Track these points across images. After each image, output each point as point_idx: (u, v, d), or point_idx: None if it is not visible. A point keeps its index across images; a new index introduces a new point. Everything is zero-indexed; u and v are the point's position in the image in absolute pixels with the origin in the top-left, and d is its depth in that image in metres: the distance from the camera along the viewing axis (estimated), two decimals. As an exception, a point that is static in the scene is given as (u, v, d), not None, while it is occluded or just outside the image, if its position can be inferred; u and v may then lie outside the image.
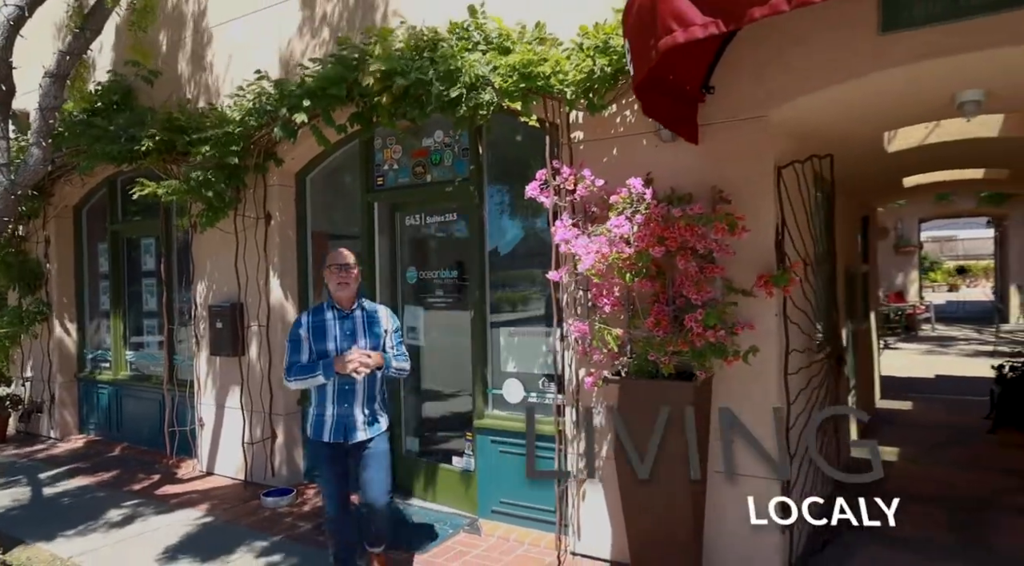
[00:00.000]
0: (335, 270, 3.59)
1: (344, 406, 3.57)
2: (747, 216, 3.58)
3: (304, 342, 3.57)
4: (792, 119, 3.69)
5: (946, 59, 3.18)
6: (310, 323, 3.61)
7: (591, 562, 4.13)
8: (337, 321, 3.61)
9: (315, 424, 3.61)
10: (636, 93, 3.02)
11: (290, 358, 3.59)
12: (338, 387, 3.56)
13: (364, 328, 3.64)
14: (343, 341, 3.57)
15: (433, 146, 5.10)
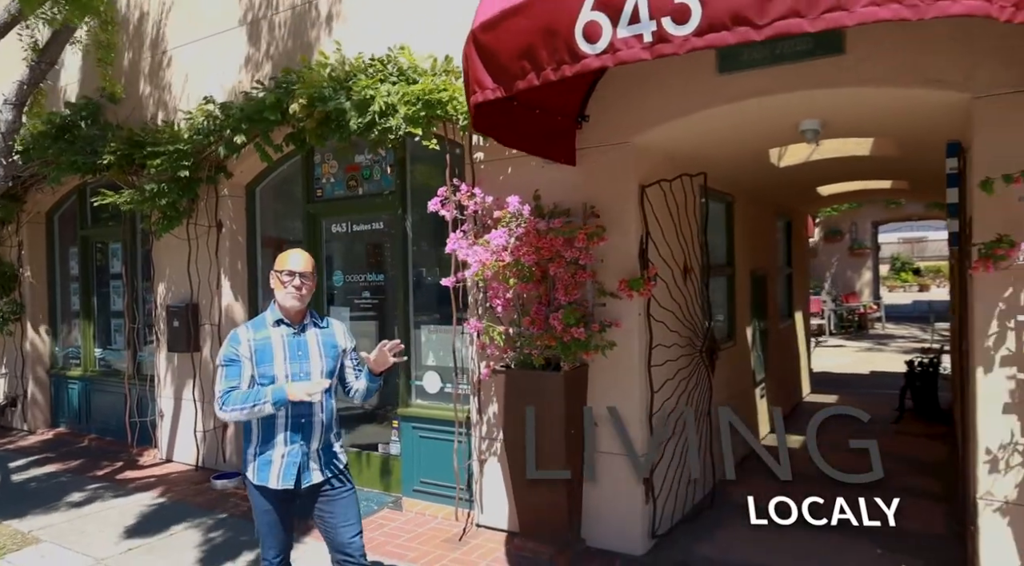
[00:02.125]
0: (285, 277, 2.91)
1: (298, 444, 2.91)
2: (615, 228, 4.17)
3: (245, 363, 2.86)
4: (654, 144, 4.26)
5: (772, 96, 3.76)
6: (252, 341, 2.89)
7: (491, 532, 4.68)
8: (286, 339, 2.93)
9: (259, 466, 2.90)
10: (475, 129, 3.54)
11: (226, 382, 2.84)
12: (291, 419, 2.88)
13: (319, 348, 2.99)
14: (293, 363, 2.91)
15: (364, 162, 5.65)
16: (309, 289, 2.98)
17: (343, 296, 5.90)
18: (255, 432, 2.95)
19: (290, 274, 2.92)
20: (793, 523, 4.75)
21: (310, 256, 3.04)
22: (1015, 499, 3.19)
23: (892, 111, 3.98)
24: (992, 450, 3.24)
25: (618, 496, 4.24)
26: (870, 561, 4.15)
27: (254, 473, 2.94)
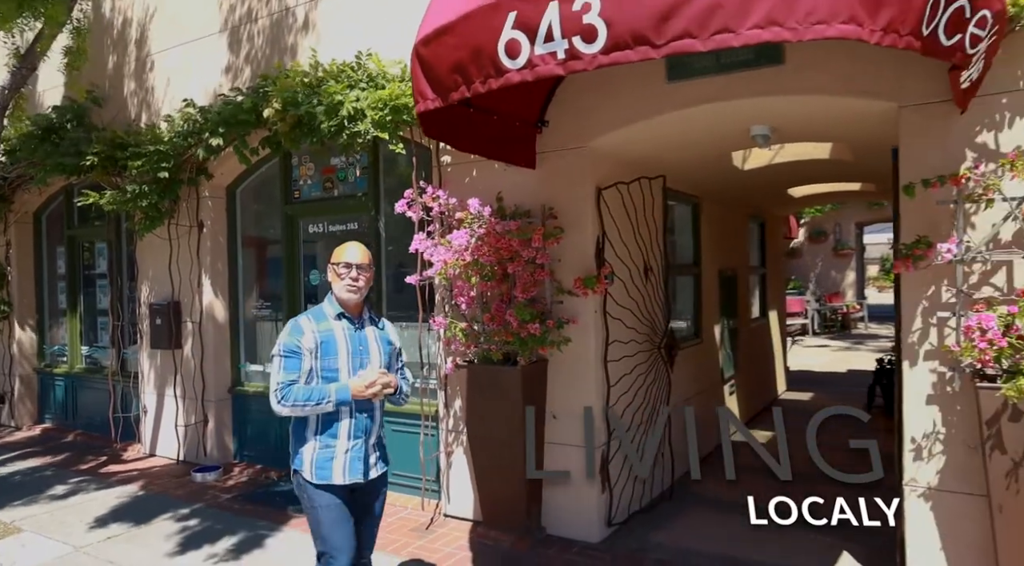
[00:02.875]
0: (342, 269, 2.86)
1: (361, 438, 2.87)
2: (573, 229, 4.36)
3: (306, 356, 2.77)
4: (609, 149, 4.44)
5: (719, 103, 3.94)
6: (317, 333, 2.81)
7: (458, 522, 4.86)
8: (347, 333, 2.88)
9: (318, 463, 2.80)
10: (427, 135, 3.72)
11: (285, 374, 2.74)
12: (355, 416, 2.83)
13: (378, 344, 2.97)
14: (355, 358, 2.86)
15: (339, 165, 5.82)
16: (366, 281, 2.92)
17: (320, 295, 6.06)
18: (312, 427, 2.82)
19: (347, 266, 2.86)
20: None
21: (366, 248, 2.98)
22: (936, 485, 3.38)
23: (835, 118, 4.16)
24: (917, 439, 3.43)
25: (575, 486, 4.42)
26: (817, 549, 4.32)
27: (311, 471, 2.78)
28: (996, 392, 2.93)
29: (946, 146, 3.30)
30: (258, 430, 6.40)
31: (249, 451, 6.47)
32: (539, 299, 4.36)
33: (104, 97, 7.08)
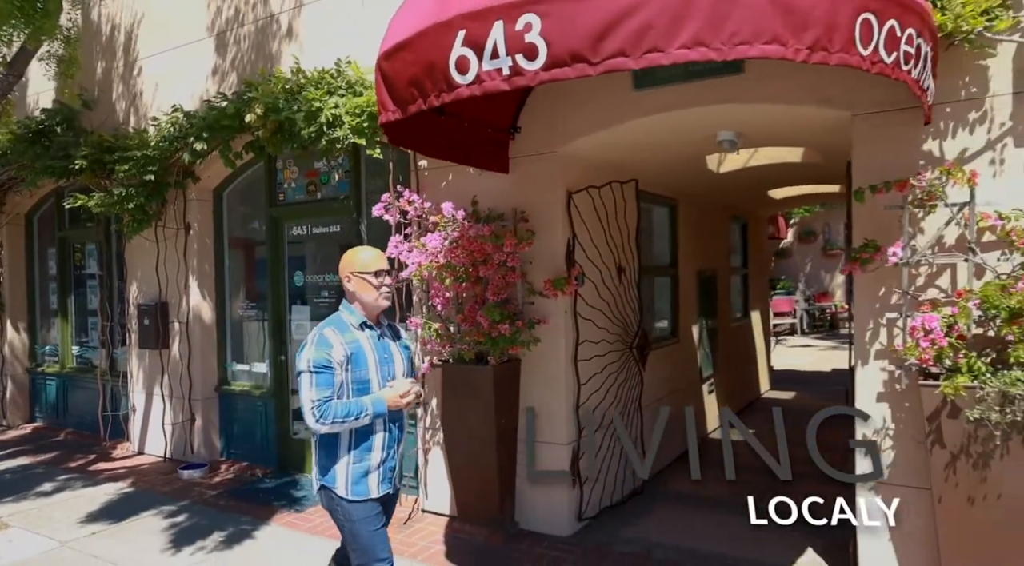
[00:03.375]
0: (375, 278, 2.79)
1: (393, 448, 2.85)
2: (544, 232, 4.49)
3: (337, 370, 2.67)
4: (580, 154, 4.57)
5: (683, 111, 4.07)
6: (345, 345, 2.71)
7: (435, 517, 4.98)
8: (372, 342, 2.81)
9: (354, 479, 2.73)
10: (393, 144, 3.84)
11: (319, 391, 2.63)
12: (388, 427, 2.81)
13: (399, 350, 2.94)
14: (383, 367, 2.82)
15: (322, 168, 5.94)
16: (391, 286, 2.91)
17: (304, 296, 6.19)
18: (345, 442, 2.73)
19: (379, 274, 2.80)
20: (717, 508, 5.11)
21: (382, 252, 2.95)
22: (886, 479, 3.51)
23: (797, 125, 4.29)
24: (868, 435, 3.56)
25: (542, 482, 4.55)
26: (771, 538, 4.44)
27: (347, 487, 2.72)
28: (935, 389, 3.06)
29: (895, 153, 3.43)
30: (244, 428, 6.52)
31: (235, 449, 6.60)
32: (511, 300, 4.48)
33: (94, 101, 7.19)
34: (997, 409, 2.93)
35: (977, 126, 3.28)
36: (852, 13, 2.17)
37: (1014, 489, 3.00)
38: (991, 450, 3.02)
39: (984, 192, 3.21)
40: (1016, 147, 3.21)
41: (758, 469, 6.14)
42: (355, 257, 2.85)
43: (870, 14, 2.21)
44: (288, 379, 6.25)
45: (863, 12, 2.19)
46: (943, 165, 3.15)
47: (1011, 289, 2.94)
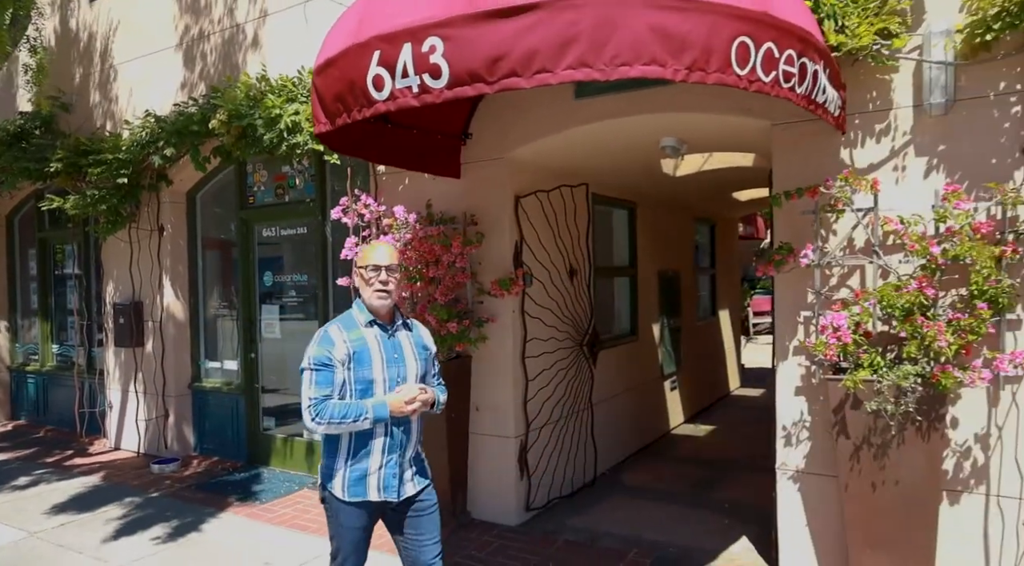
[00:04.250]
0: (371, 273, 2.69)
1: (396, 453, 2.70)
2: (493, 234, 4.69)
3: (338, 369, 2.60)
4: (527, 159, 4.77)
5: (620, 119, 4.27)
6: (348, 342, 2.63)
7: (393, 508, 5.18)
8: (380, 340, 2.70)
9: (351, 481, 2.65)
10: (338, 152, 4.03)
11: (318, 390, 2.57)
12: (390, 431, 2.67)
13: (413, 350, 2.79)
14: (391, 367, 2.69)
15: (289, 172, 6.14)
16: (396, 283, 2.74)
17: (272, 295, 6.39)
18: (345, 443, 2.65)
19: (375, 269, 2.67)
20: (665, 500, 5.32)
21: (393, 248, 2.82)
22: (803, 468, 3.72)
23: (729, 132, 4.49)
24: (787, 427, 3.77)
25: (496, 474, 4.75)
26: (711, 527, 4.66)
27: (344, 488, 2.65)
28: (839, 383, 3.27)
29: (810, 161, 3.63)
30: (216, 424, 6.71)
31: (208, 444, 6.79)
32: (461, 299, 4.68)
33: (71, 104, 7.37)
34: (892, 401, 3.14)
35: (883, 136, 3.49)
36: (728, 37, 2.37)
37: (909, 476, 3.21)
38: (889, 439, 3.23)
39: (888, 198, 3.42)
40: (917, 156, 3.42)
41: (710, 463, 6.38)
42: (361, 251, 2.78)
43: (746, 38, 2.41)
44: (259, 376, 6.45)
45: (739, 36, 2.39)
46: (845, 173, 3.35)
47: (904, 289, 3.15)
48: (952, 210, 3.17)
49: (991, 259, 3.00)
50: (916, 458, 3.19)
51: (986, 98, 3.25)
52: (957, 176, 3.32)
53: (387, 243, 2.83)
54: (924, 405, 3.13)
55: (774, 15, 2.48)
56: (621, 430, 6.22)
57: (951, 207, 3.15)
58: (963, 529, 3.34)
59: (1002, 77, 3.21)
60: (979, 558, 3.31)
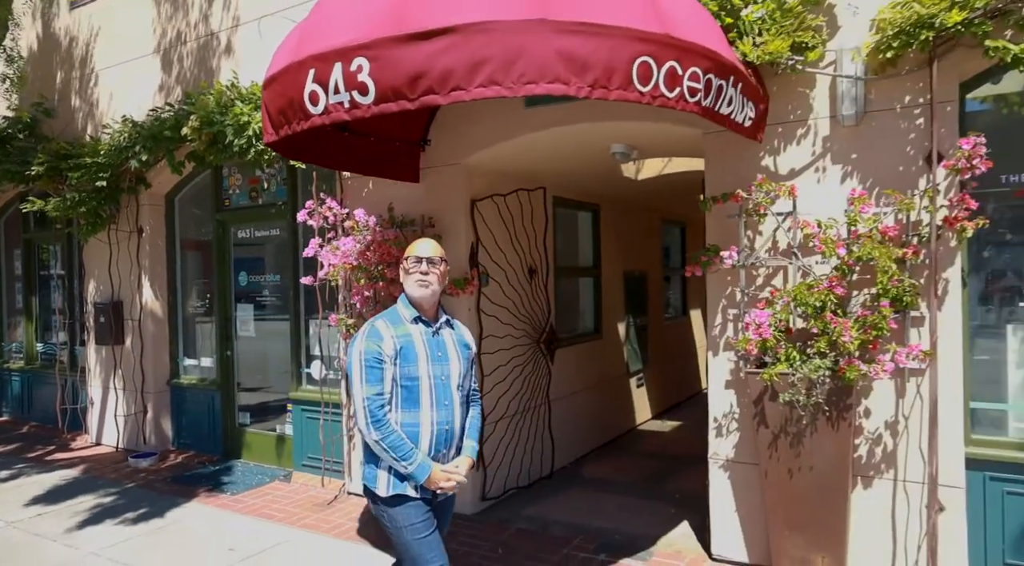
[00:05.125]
0: (412, 263, 2.67)
1: (440, 453, 2.66)
2: (450, 236, 4.91)
3: (387, 364, 2.56)
4: (483, 165, 4.99)
5: (567, 126, 4.49)
6: (396, 338, 2.60)
7: (358, 498, 5.39)
8: (425, 338, 2.67)
9: (395, 479, 2.60)
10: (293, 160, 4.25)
11: (370, 388, 2.53)
12: (437, 427, 2.63)
13: (456, 349, 2.75)
14: (435, 365, 2.64)
15: (263, 176, 6.35)
16: (438, 277, 2.69)
17: (247, 295, 6.60)
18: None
19: (416, 260, 2.67)
20: (620, 491, 5.55)
21: (438, 244, 2.80)
22: (732, 457, 3.95)
23: (671, 140, 4.72)
24: (718, 419, 4.00)
25: (453, 464, 4.96)
26: (659, 516, 4.88)
27: (388, 485, 2.59)
28: (758, 376, 3.50)
29: (738, 167, 3.86)
30: (193, 419, 6.92)
31: (185, 439, 7.00)
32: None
33: (54, 109, 7.57)
34: (804, 393, 3.37)
35: (803, 145, 3.73)
36: (629, 58, 2.59)
37: (822, 463, 3.44)
38: (803, 429, 3.46)
39: (809, 203, 3.65)
40: (833, 164, 3.65)
41: (671, 457, 6.59)
42: (409, 246, 2.77)
43: (648, 58, 2.63)
44: (234, 373, 6.66)
45: (640, 57, 2.61)
46: (759, 180, 3.59)
47: (815, 289, 3.38)
48: (860, 214, 3.40)
49: (890, 260, 3.23)
50: (827, 446, 3.43)
51: (893, 110, 3.49)
52: (869, 182, 3.55)
53: (432, 239, 2.82)
54: (833, 396, 3.36)
55: (676, 36, 2.70)
56: (581, 425, 6.44)
57: (857, 211, 3.38)
58: (874, 511, 3.57)
59: (907, 91, 3.44)
60: (888, 539, 3.55)
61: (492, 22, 2.49)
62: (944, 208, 3.33)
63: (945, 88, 3.39)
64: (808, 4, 3.55)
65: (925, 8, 3.14)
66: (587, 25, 2.53)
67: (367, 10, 2.65)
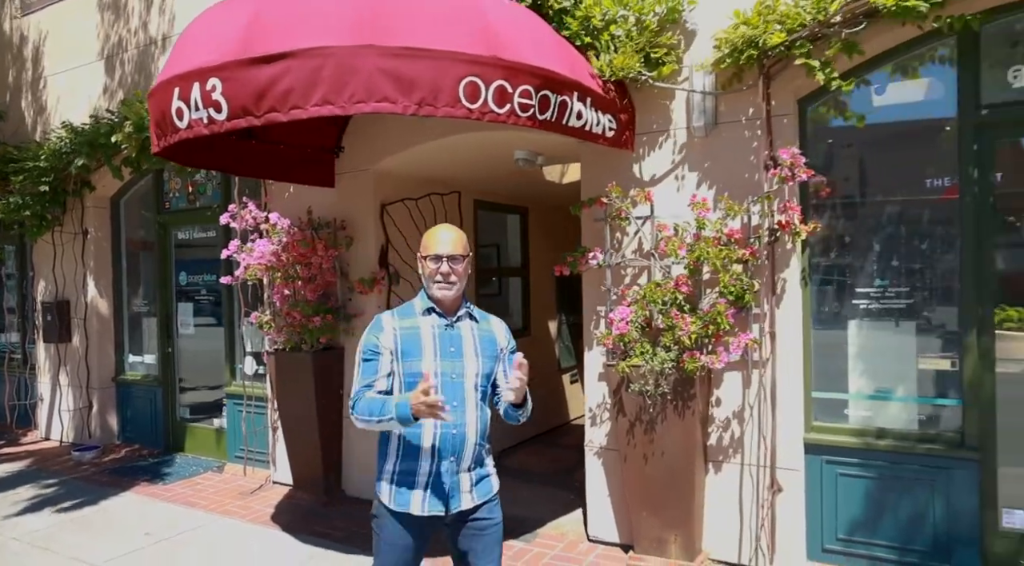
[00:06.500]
0: (431, 264, 2.36)
1: (448, 460, 2.34)
2: (362, 238, 5.19)
3: (385, 356, 2.34)
4: (392, 170, 5.27)
5: (465, 134, 4.76)
6: (397, 329, 2.36)
7: (282, 487, 5.67)
8: (436, 330, 2.37)
9: (397, 489, 2.35)
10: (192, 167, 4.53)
11: (360, 380, 2.35)
12: (441, 430, 2.32)
13: (476, 345, 2.42)
14: (444, 361, 2.35)
15: (200, 180, 6.62)
16: (460, 275, 2.37)
17: (187, 294, 6.86)
18: (394, 444, 2.36)
19: (436, 259, 2.34)
20: (535, 481, 5.83)
21: (461, 233, 2.45)
22: (604, 444, 4.24)
23: (570, 147, 4.99)
24: (592, 409, 4.29)
25: (367, 454, 5.24)
26: (562, 503, 5.16)
27: (390, 496, 2.35)
28: (614, 368, 3.79)
29: (608, 174, 4.14)
30: (137, 414, 7.18)
31: (130, 433, 7.25)
32: (332, 296, 5.18)
33: (5, 111, 7.81)
34: (653, 384, 3.66)
35: (664, 152, 4.02)
36: (455, 78, 2.88)
37: (671, 448, 3.73)
38: (655, 417, 3.75)
39: (670, 207, 3.94)
40: (690, 171, 3.94)
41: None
42: (423, 237, 2.45)
43: (475, 78, 2.91)
44: (175, 369, 6.92)
45: (467, 77, 2.90)
46: (609, 186, 3.87)
47: (662, 287, 3.68)
48: (706, 219, 3.69)
49: (720, 260, 3.52)
50: (676, 433, 3.72)
51: (740, 122, 3.78)
52: (718, 188, 3.84)
53: (452, 228, 2.44)
54: (679, 387, 3.66)
55: (504, 58, 2.99)
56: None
57: (699, 215, 3.68)
58: (724, 493, 3.86)
59: (750, 104, 3.74)
60: (736, 518, 3.84)
61: (326, 48, 2.77)
62: (776, 213, 3.61)
63: (782, 102, 3.68)
64: (666, 22, 3.85)
65: (752, 29, 3.43)
66: (412, 50, 2.81)
67: (222, 36, 2.93)
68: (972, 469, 3.46)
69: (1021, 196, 3.47)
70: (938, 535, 3.54)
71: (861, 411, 3.83)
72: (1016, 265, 3.47)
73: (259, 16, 2.85)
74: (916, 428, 3.67)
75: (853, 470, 3.72)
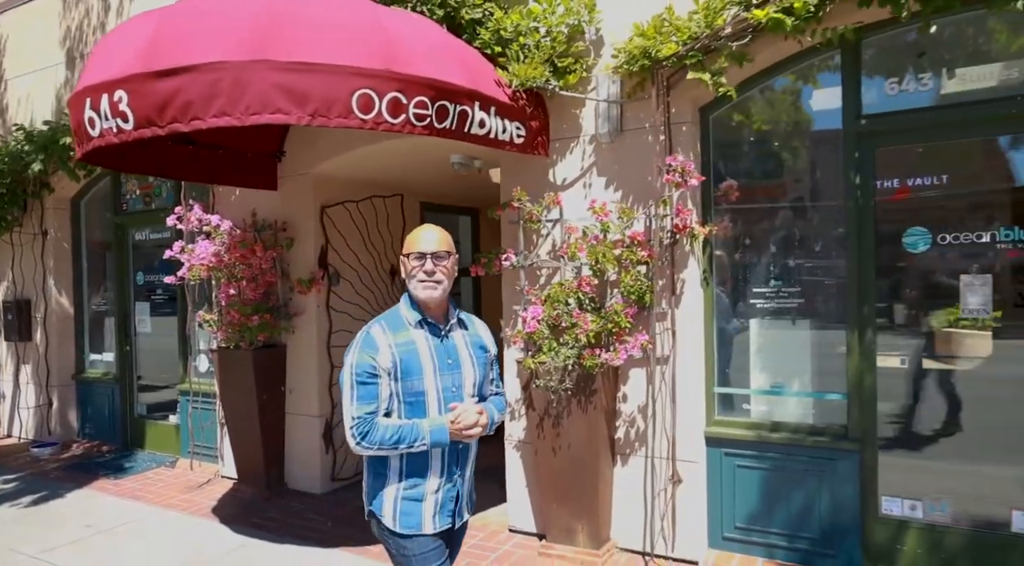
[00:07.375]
0: (414, 262, 2.25)
1: (456, 475, 2.32)
2: (302, 239, 5.35)
3: (383, 378, 2.18)
4: (332, 174, 5.43)
5: (404, 139, 4.92)
6: (394, 347, 2.20)
7: (228, 481, 5.83)
8: (431, 343, 2.27)
9: (402, 509, 2.25)
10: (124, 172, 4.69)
11: (361, 406, 2.16)
12: (450, 449, 2.27)
13: (470, 354, 2.36)
14: (444, 375, 2.27)
15: (155, 182, 6.77)
16: (446, 273, 2.26)
17: (144, 293, 7.02)
18: (395, 465, 2.24)
19: (419, 257, 2.23)
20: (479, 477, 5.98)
21: (446, 232, 2.33)
22: (522, 438, 4.42)
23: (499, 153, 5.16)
24: (511, 404, 4.46)
25: (306, 449, 5.42)
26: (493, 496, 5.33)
27: (395, 518, 2.24)
28: (523, 364, 3.97)
29: (525, 179, 4.32)
30: (96, 411, 7.33)
31: (89, 429, 7.41)
32: (273, 295, 5.35)
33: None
34: (558, 379, 3.84)
35: (574, 158, 4.19)
36: (348, 91, 3.04)
37: (577, 442, 3.91)
38: (561, 411, 3.93)
39: (580, 210, 4.11)
40: (598, 176, 4.12)
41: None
42: (407, 238, 2.32)
43: (368, 90, 3.08)
44: (133, 365, 7.08)
45: (359, 89, 3.07)
46: (514, 191, 4.05)
47: (566, 287, 3.85)
48: (609, 222, 3.87)
49: (613, 262, 3.70)
50: (580, 427, 3.89)
51: (643, 129, 3.96)
52: (623, 193, 4.02)
53: (435, 227, 2.33)
54: (581, 383, 3.83)
55: (397, 71, 3.16)
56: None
57: (595, 219, 3.85)
58: (631, 484, 4.04)
59: (652, 113, 3.91)
60: (641, 508, 4.02)
61: (222, 62, 2.93)
62: (673, 216, 3.79)
63: (683, 110, 3.86)
64: (576, 33, 4.02)
65: (646, 40, 3.61)
66: (305, 64, 2.98)
67: (129, 50, 3.10)
68: (854, 460, 3.65)
69: (901, 202, 3.66)
70: (824, 523, 3.73)
71: (761, 406, 4.01)
72: (895, 266, 3.66)
73: (161, 31, 3.02)
74: (808, 422, 3.86)
75: (750, 462, 3.90)
